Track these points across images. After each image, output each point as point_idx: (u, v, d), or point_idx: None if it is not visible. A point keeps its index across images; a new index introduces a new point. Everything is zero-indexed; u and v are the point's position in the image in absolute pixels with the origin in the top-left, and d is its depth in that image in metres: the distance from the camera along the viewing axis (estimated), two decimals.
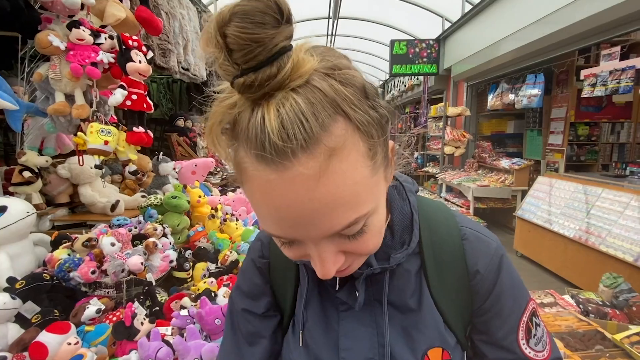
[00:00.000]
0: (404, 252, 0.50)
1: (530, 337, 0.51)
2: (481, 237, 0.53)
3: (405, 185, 0.54)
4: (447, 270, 0.51)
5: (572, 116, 4.71)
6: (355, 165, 0.34)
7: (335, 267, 0.39)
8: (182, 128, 4.14)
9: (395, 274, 0.51)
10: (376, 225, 0.39)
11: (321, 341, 0.52)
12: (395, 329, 0.50)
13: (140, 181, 2.56)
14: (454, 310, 0.51)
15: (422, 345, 0.49)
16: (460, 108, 5.95)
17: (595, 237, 3.19)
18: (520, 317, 0.51)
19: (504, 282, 0.51)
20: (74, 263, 1.32)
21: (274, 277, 0.58)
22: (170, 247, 1.66)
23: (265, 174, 0.33)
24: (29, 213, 1.32)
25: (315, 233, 0.36)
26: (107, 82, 1.60)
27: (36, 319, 1.14)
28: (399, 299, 0.51)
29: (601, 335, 1.70)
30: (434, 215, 0.55)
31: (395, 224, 0.51)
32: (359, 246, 0.39)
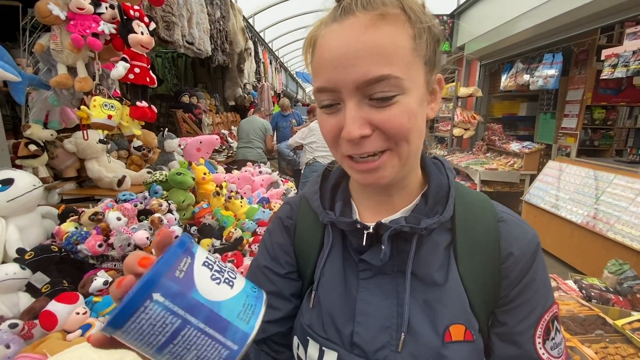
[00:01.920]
0: (435, 219, 0.49)
1: (548, 339, 0.48)
2: (519, 222, 0.52)
3: (444, 164, 0.56)
4: (479, 249, 0.49)
5: (589, 99, 4.54)
6: (399, 35, 0.43)
7: (360, 130, 0.43)
8: (187, 104, 4.11)
9: (423, 245, 0.50)
10: (407, 107, 0.43)
11: (337, 303, 0.52)
12: (416, 301, 0.49)
13: (146, 157, 2.56)
14: (480, 294, 0.49)
15: (444, 320, 0.47)
16: (472, 88, 5.77)
17: (603, 224, 3.14)
18: (543, 314, 0.49)
19: (537, 271, 0.49)
20: (81, 236, 1.34)
21: (299, 238, 0.59)
22: (175, 223, 1.67)
23: (331, 28, 0.44)
24: (35, 186, 1.33)
25: (353, 76, 0.41)
26: (109, 54, 1.56)
27: (46, 289, 1.17)
28: (424, 271, 0.50)
29: (602, 320, 1.70)
30: (470, 197, 0.54)
31: (430, 193, 0.52)
32: (386, 119, 0.43)
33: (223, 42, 3.95)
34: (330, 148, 0.49)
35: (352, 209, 0.56)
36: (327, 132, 0.47)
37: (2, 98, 2.66)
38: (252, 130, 4.23)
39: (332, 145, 0.48)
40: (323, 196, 0.58)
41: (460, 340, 0.47)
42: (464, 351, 0.47)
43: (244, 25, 4.72)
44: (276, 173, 2.93)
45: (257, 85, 5.86)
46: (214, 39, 3.70)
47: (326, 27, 0.45)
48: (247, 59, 4.83)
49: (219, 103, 5.11)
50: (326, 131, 0.47)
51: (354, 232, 0.51)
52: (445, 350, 0.46)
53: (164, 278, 0.26)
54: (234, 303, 0.30)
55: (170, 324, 0.26)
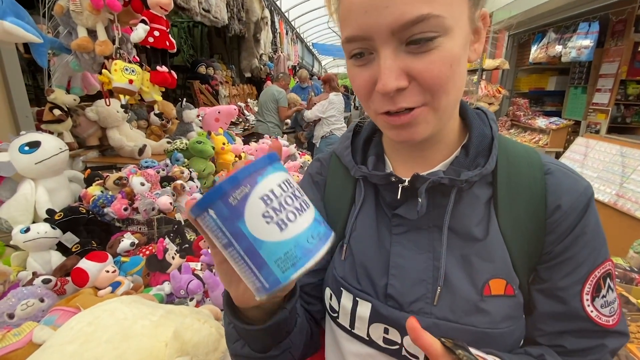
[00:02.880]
0: (477, 171, 0.46)
1: (598, 296, 0.45)
2: (568, 173, 0.47)
3: (488, 114, 0.52)
4: (522, 203, 0.46)
5: (624, 72, 4.24)
6: None
7: (396, 81, 0.38)
8: (203, 75, 4.06)
9: (462, 199, 0.48)
10: (449, 52, 0.39)
11: (370, 255, 0.51)
12: (454, 256, 0.47)
13: (165, 127, 2.57)
14: (522, 249, 0.46)
15: (484, 274, 0.45)
16: (499, 60, 5.46)
17: (631, 203, 3.02)
18: (593, 270, 0.45)
19: (588, 224, 0.45)
20: (107, 200, 1.37)
21: (329, 194, 0.58)
22: (197, 191, 1.69)
23: None
24: (62, 149, 1.35)
25: (387, 19, 0.37)
26: (128, 16, 1.53)
27: (76, 249, 1.21)
28: (462, 226, 0.47)
29: (625, 299, 1.66)
30: (515, 149, 0.50)
31: (471, 144, 0.48)
32: (425, 66, 0.38)
33: (239, 10, 3.83)
34: (363, 104, 0.45)
35: (386, 163, 0.54)
36: (359, 87, 0.43)
37: (24, 65, 2.68)
38: (265, 103, 4.10)
39: (366, 101, 0.44)
40: (355, 151, 0.56)
41: (501, 294, 0.45)
42: (504, 305, 0.45)
43: None
44: (293, 145, 2.91)
45: (273, 57, 5.72)
46: (230, 6, 3.59)
47: None
48: (264, 28, 4.70)
49: (235, 75, 5.04)
50: (358, 86, 0.43)
51: (388, 186, 0.50)
52: (484, 303, 0.44)
53: (219, 200, 0.27)
54: (276, 247, 0.29)
55: (221, 237, 0.29)
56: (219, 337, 0.85)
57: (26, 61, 2.28)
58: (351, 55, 0.42)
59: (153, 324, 0.84)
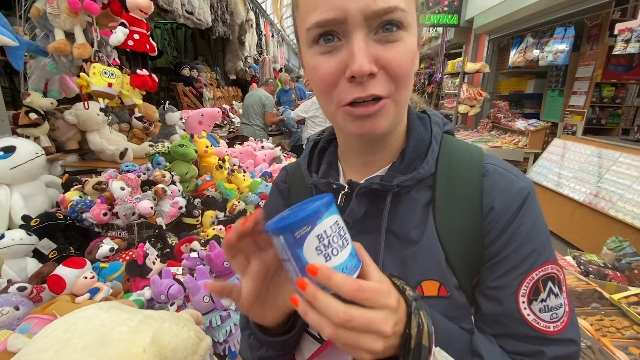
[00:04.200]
0: (409, 175, 0.48)
1: (536, 300, 0.44)
2: (505, 174, 0.48)
3: (431, 117, 0.54)
4: (459, 206, 0.47)
5: (599, 76, 4.41)
6: None
7: (369, 65, 0.40)
8: (187, 78, 4.03)
9: (401, 202, 0.50)
10: (410, 47, 0.43)
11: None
12: (393, 258, 0.49)
13: (147, 130, 2.54)
14: (460, 250, 0.47)
15: (416, 276, 0.47)
16: (480, 64, 5.61)
17: (605, 202, 3.14)
18: (530, 271, 0.44)
19: (522, 224, 0.45)
20: (85, 205, 1.35)
21: (292, 200, 0.62)
22: (179, 194, 1.68)
23: None
24: (38, 154, 1.32)
25: (361, 4, 0.39)
26: (107, 19, 1.51)
27: (53, 255, 1.19)
28: (401, 229, 0.49)
29: (599, 294, 1.73)
30: (459, 151, 0.51)
31: (408, 149, 0.50)
32: (392, 56, 0.41)
33: (223, 13, 3.81)
34: (323, 98, 0.45)
35: (339, 170, 0.57)
36: (324, 76, 0.42)
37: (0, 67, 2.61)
38: (251, 106, 4.11)
39: (328, 93, 0.43)
40: (311, 160, 0.59)
41: (434, 295, 0.46)
42: (437, 306, 0.46)
43: None
44: (278, 148, 2.91)
45: (258, 59, 5.71)
46: (214, 8, 3.57)
47: None
48: (249, 30, 4.69)
49: (219, 77, 5.01)
50: (323, 74, 0.42)
51: (333, 193, 0.52)
52: None
53: (289, 232, 0.37)
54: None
55: (284, 254, 0.39)
56: (198, 341, 0.85)
57: (2, 63, 2.23)
58: (317, 39, 0.42)
59: (131, 329, 0.84)
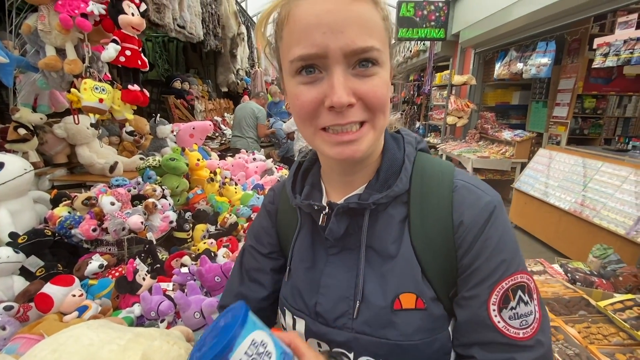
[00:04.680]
0: (384, 193, 0.51)
1: (506, 308, 0.46)
2: (472, 189, 0.51)
3: (405, 137, 0.57)
4: (432, 220, 0.50)
5: (580, 88, 4.58)
6: (375, 12, 0.45)
7: (347, 97, 0.43)
8: (179, 90, 4.04)
9: (378, 219, 0.53)
10: (384, 80, 0.46)
11: (303, 278, 0.57)
12: (375, 273, 0.52)
13: (138, 143, 2.53)
14: (435, 263, 0.50)
15: (394, 289, 0.50)
16: (466, 76, 5.77)
17: (590, 210, 3.22)
18: (500, 281, 0.46)
19: (490, 237, 0.48)
20: (74, 220, 1.34)
21: (280, 221, 0.65)
22: (169, 208, 1.67)
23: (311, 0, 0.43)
24: (26, 170, 1.31)
25: (341, 43, 0.42)
26: (99, 36, 1.53)
27: (40, 272, 1.17)
28: (379, 244, 0.52)
29: (586, 302, 1.76)
30: (431, 168, 0.54)
31: (382, 168, 0.53)
32: (369, 89, 0.45)
33: (215, 27, 3.86)
34: (302, 123, 0.48)
35: (322, 190, 0.59)
36: (305, 104, 0.45)
37: None
38: (243, 118, 4.12)
39: (308, 119, 0.47)
40: (295, 181, 0.61)
41: (411, 308, 0.49)
42: (415, 318, 0.49)
43: (237, 9, 4.61)
44: (270, 160, 2.93)
45: (250, 71, 5.77)
46: (206, 22, 3.62)
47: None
48: (240, 44, 4.75)
49: (211, 89, 5.04)
50: (304, 102, 0.45)
51: (316, 213, 0.55)
52: (395, 317, 0.49)
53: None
54: None
55: None
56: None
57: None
58: (300, 70, 0.45)
59: (120, 348, 0.83)
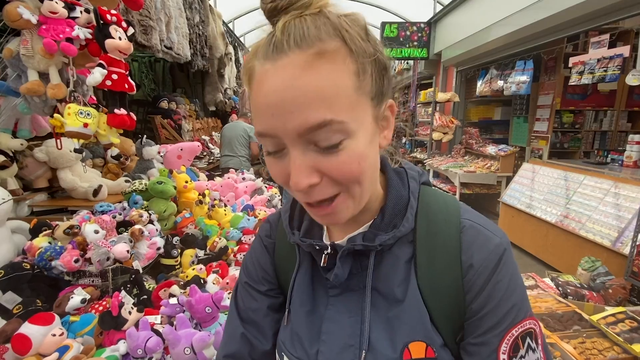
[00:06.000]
0: (390, 234, 0.48)
1: (515, 357, 0.44)
2: (482, 230, 0.48)
3: (408, 172, 0.54)
4: (440, 262, 0.47)
5: (558, 104, 4.78)
6: (340, 73, 0.38)
7: (307, 179, 0.40)
8: (166, 110, 4.00)
9: (383, 260, 0.50)
10: (354, 150, 0.40)
11: (303, 323, 0.52)
12: (380, 318, 0.48)
13: (123, 165, 2.47)
14: (443, 307, 0.47)
15: (402, 338, 0.46)
16: (450, 94, 5.95)
17: (575, 223, 3.30)
18: (510, 328, 0.45)
19: (500, 281, 0.45)
20: (55, 251, 1.27)
21: (278, 257, 0.59)
22: (157, 234, 1.61)
23: (265, 68, 0.39)
24: (4, 200, 1.25)
25: (293, 124, 0.38)
26: (85, 59, 1.50)
27: (18, 310, 1.10)
28: (385, 287, 0.49)
29: (579, 316, 1.78)
30: (436, 205, 0.52)
31: (387, 206, 0.50)
32: (334, 166, 0.40)
33: (202, 47, 3.88)
34: (285, 188, 0.46)
35: (322, 226, 0.56)
36: (276, 177, 0.44)
37: None
38: (235, 138, 4.07)
39: (286, 187, 0.45)
40: (292, 215, 0.57)
41: (422, 357, 0.45)
42: None
43: (224, 30, 4.66)
44: (260, 179, 2.90)
45: (238, 90, 5.79)
46: (193, 43, 3.63)
47: (260, 64, 0.40)
48: (228, 63, 4.77)
49: (198, 108, 5.01)
50: (275, 176, 0.44)
51: (316, 253, 0.51)
52: None
53: None
54: None
55: None
56: None
57: None
58: (267, 152, 0.43)
59: None
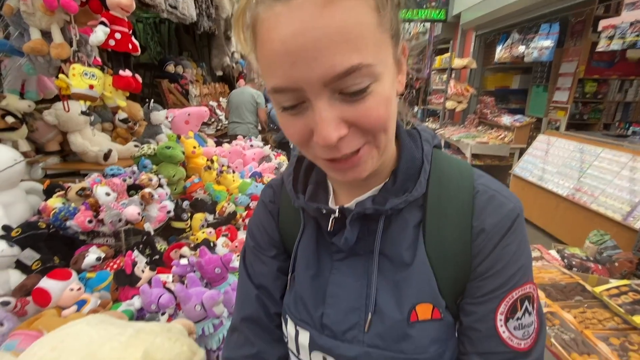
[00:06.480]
0: (402, 198, 0.46)
1: (512, 318, 0.45)
2: (496, 195, 0.47)
3: (422, 134, 0.52)
4: (449, 227, 0.46)
5: (582, 71, 4.51)
6: (362, 9, 0.35)
7: (336, 132, 0.37)
8: (172, 74, 3.92)
9: (391, 224, 0.49)
10: (381, 94, 0.38)
11: (307, 287, 0.52)
12: (387, 282, 0.48)
13: (132, 130, 2.47)
14: (447, 271, 0.47)
15: (410, 300, 0.46)
16: (467, 60, 5.66)
17: (587, 196, 3.23)
18: (511, 290, 0.45)
19: (509, 244, 0.45)
20: (69, 212, 1.30)
21: (282, 222, 0.58)
22: (166, 198, 1.64)
23: (275, 11, 0.35)
24: (17, 160, 1.27)
25: (317, 72, 0.35)
26: (86, 17, 1.44)
27: (36, 266, 1.15)
28: (393, 251, 0.48)
29: (581, 287, 1.79)
30: (449, 169, 0.50)
31: (400, 170, 0.48)
32: (362, 113, 0.37)
33: (208, 7, 3.71)
34: (300, 148, 0.43)
35: (328, 190, 0.54)
36: (293, 136, 0.41)
37: None
38: (243, 104, 3.98)
39: (302, 147, 0.42)
40: (296, 179, 0.55)
41: (427, 319, 0.46)
42: (431, 329, 0.46)
43: None
44: (268, 147, 2.88)
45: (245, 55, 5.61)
46: (199, 2, 3.47)
47: (267, 8, 0.35)
48: None
49: (206, 73, 4.90)
50: (292, 134, 0.40)
51: (323, 216, 0.50)
52: (411, 329, 0.46)
53: None
54: None
55: None
56: (191, 355, 0.84)
57: None
58: (282, 108, 0.39)
59: (122, 345, 0.82)
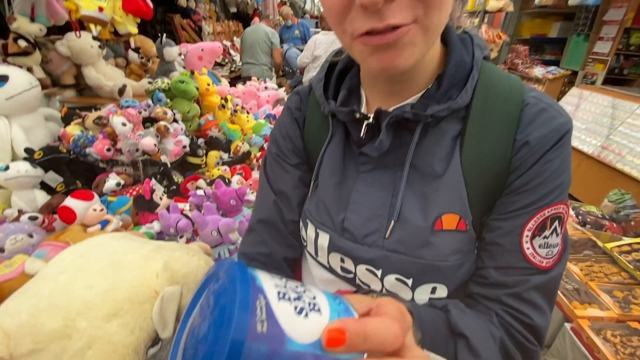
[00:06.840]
0: (445, 105, 0.43)
1: (539, 236, 0.43)
2: (547, 108, 0.43)
3: (474, 39, 0.47)
4: (490, 140, 0.43)
5: (630, 20, 4.05)
6: None
7: None
8: (185, 9, 3.73)
9: (427, 134, 0.46)
10: None
11: (331, 193, 0.52)
12: (413, 193, 0.46)
13: (145, 67, 2.42)
14: (480, 186, 0.44)
15: (437, 209, 0.44)
16: (503, 2, 5.11)
17: (614, 155, 3.10)
18: (544, 207, 0.42)
19: (552, 160, 0.42)
20: (88, 139, 1.33)
21: (307, 130, 0.56)
22: (182, 133, 1.64)
23: None
24: (32, 84, 1.27)
25: None
26: None
27: (60, 188, 1.21)
28: (425, 162, 0.46)
29: (592, 243, 1.78)
30: (499, 81, 0.45)
31: (447, 73, 0.44)
32: None
33: None
34: (336, 29, 0.39)
35: (361, 97, 0.51)
36: (332, 4, 0.36)
37: None
38: (257, 43, 3.77)
39: (339, 22, 0.37)
40: (327, 84, 0.52)
41: (452, 229, 0.44)
42: (454, 240, 0.45)
43: None
44: (282, 89, 2.80)
45: None
46: None
47: None
48: None
49: (219, 9, 4.64)
50: (332, 3, 0.36)
51: (354, 123, 0.48)
52: (434, 237, 0.44)
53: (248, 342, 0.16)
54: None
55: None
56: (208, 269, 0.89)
57: None
58: None
59: (143, 257, 0.86)
